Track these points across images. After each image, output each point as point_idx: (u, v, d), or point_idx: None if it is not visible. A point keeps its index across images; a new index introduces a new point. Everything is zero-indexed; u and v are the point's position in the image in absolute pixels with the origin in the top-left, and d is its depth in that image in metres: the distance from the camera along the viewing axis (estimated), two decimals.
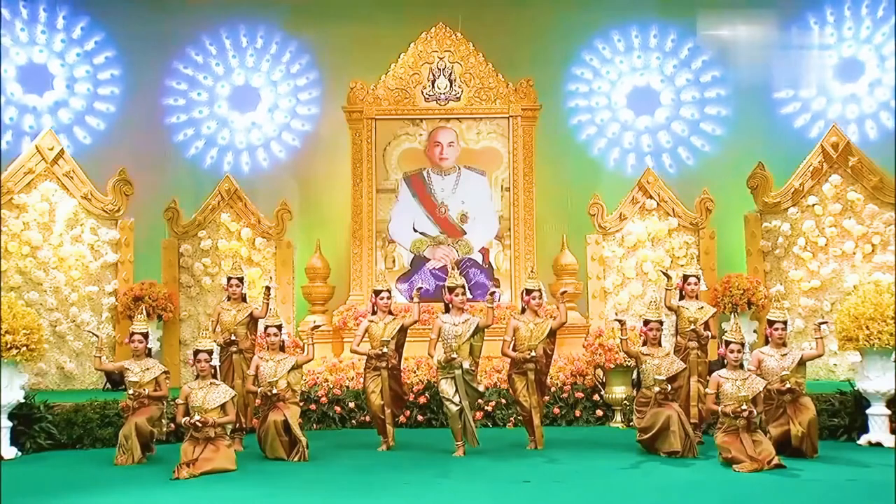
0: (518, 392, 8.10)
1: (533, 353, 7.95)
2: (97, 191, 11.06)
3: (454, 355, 7.81)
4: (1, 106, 11.90)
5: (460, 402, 7.79)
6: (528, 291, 8.18)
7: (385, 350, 8.07)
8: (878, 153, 11.15)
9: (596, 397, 9.77)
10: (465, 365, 7.83)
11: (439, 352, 7.96)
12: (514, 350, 8.06)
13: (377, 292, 8.41)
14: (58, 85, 12.28)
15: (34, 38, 12.18)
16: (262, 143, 12.73)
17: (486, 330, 8.06)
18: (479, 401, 9.18)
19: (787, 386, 7.54)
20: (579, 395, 9.75)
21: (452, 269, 9.30)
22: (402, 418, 9.28)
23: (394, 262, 11.50)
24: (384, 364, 8.15)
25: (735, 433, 7.20)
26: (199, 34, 12.70)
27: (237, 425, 8.27)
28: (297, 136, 12.79)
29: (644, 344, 8.14)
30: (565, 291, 8.30)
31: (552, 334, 8.13)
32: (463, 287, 8.11)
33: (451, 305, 8.06)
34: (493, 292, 8.25)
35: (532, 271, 8.93)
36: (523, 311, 8.23)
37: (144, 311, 9.00)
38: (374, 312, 8.38)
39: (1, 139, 11.81)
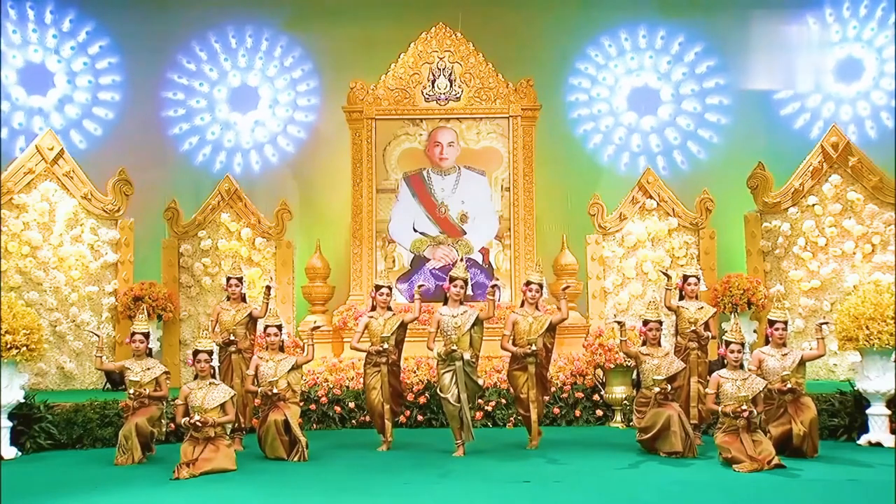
0: (519, 388, 8.07)
1: (533, 347, 7.93)
2: (97, 191, 11.05)
3: (454, 347, 7.79)
4: (1, 106, 11.92)
5: (460, 400, 7.77)
6: (527, 283, 8.17)
7: (385, 346, 8.06)
8: (878, 153, 11.16)
9: (596, 397, 9.77)
10: (466, 356, 7.81)
11: (439, 346, 7.94)
12: (514, 345, 8.05)
13: (377, 287, 8.39)
14: (58, 85, 12.28)
15: (29, 37, 12.20)
16: (262, 143, 12.74)
17: (485, 323, 8.02)
18: (479, 401, 9.20)
19: (788, 386, 7.54)
20: (579, 395, 9.75)
21: (460, 261, 9.27)
22: (402, 418, 9.29)
23: (394, 262, 11.50)
24: (384, 360, 8.14)
25: (735, 433, 7.20)
26: (199, 35, 12.69)
27: (237, 425, 8.28)
28: (298, 136, 12.79)
29: (643, 344, 8.15)
30: (567, 287, 8.30)
31: (552, 329, 8.10)
32: (464, 281, 8.07)
33: (448, 298, 8.04)
34: (496, 284, 8.24)
35: (537, 265, 8.64)
36: (522, 304, 8.22)
37: (145, 311, 9.00)
38: (373, 309, 8.37)
39: (1, 140, 11.80)
